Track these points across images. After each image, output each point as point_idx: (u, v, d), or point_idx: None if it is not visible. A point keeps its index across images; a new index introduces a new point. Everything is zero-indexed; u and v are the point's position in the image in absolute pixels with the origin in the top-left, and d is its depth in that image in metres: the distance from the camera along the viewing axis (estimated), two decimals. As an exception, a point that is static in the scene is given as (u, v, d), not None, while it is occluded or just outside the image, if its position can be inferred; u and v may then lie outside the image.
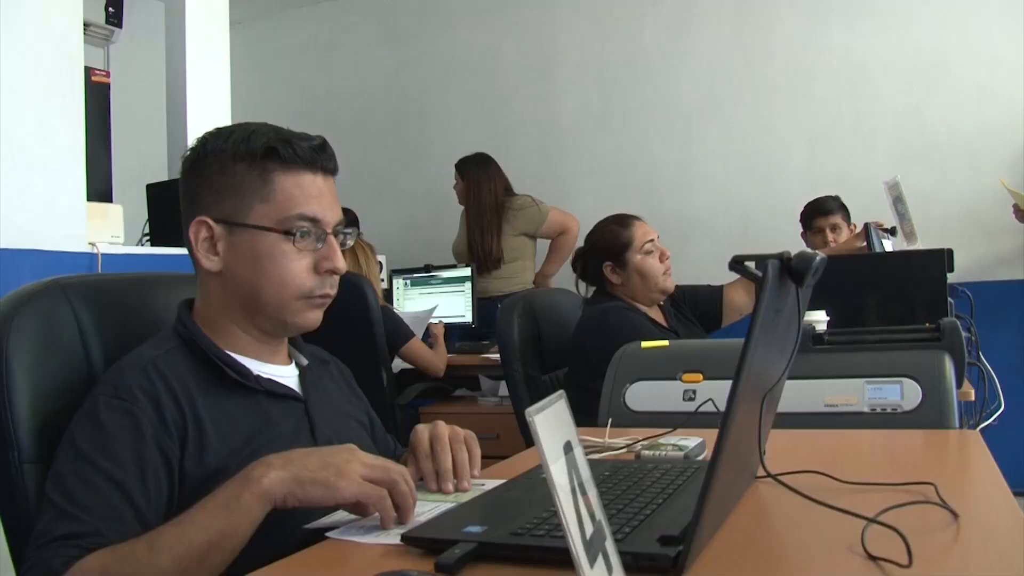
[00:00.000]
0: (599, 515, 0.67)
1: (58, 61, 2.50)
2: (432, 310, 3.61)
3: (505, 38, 4.83)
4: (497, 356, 3.34)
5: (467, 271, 3.88)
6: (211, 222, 1.12)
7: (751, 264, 0.88)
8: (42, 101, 2.47)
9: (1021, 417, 2.10)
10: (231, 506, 0.89)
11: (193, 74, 3.13)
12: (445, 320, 3.71)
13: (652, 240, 2.44)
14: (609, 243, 2.44)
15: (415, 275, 4.01)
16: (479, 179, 3.96)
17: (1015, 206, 3.40)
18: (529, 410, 0.59)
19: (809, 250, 0.81)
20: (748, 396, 0.81)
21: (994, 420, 1.93)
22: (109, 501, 0.95)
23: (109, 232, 2.61)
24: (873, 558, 0.76)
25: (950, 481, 1.00)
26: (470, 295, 3.84)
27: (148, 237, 2.93)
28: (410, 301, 3.95)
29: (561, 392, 0.69)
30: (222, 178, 1.12)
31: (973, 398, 1.86)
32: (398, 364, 3.35)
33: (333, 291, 1.15)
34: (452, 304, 3.85)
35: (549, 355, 2.59)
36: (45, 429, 1.08)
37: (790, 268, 0.78)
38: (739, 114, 4.32)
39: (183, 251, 2.84)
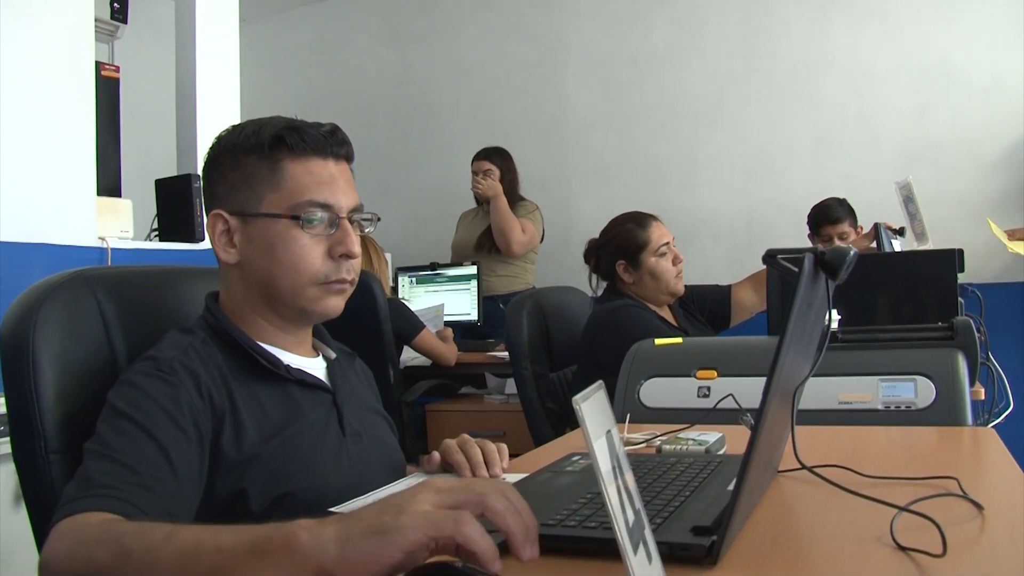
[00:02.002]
0: (638, 504, 0.68)
1: (69, 55, 2.51)
2: (441, 306, 3.63)
3: (511, 38, 4.84)
4: (503, 354, 3.36)
5: (473, 269, 3.88)
6: (226, 215, 1.13)
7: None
8: (53, 95, 2.47)
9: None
10: (258, 544, 0.68)
11: (203, 70, 3.14)
12: (451, 318, 3.72)
13: (667, 243, 2.44)
14: (625, 242, 2.44)
15: (421, 273, 4.02)
16: (511, 169, 4.00)
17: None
18: (576, 397, 0.61)
19: (842, 244, 0.81)
20: (781, 389, 0.81)
21: (1002, 419, 1.94)
22: (145, 451, 0.94)
23: (119, 227, 2.62)
24: (903, 548, 0.77)
25: (971, 476, 1.01)
26: (476, 293, 3.85)
27: (156, 232, 2.93)
28: (415, 299, 3.96)
29: (600, 383, 0.70)
30: (235, 172, 1.13)
31: (983, 397, 1.87)
32: (404, 361, 3.36)
33: (350, 276, 1.15)
34: (458, 302, 3.85)
35: (558, 353, 2.60)
36: (70, 420, 1.08)
37: (824, 262, 0.79)
38: (745, 115, 4.33)
39: (192, 246, 2.87)
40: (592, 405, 0.63)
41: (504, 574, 0.66)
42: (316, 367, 1.21)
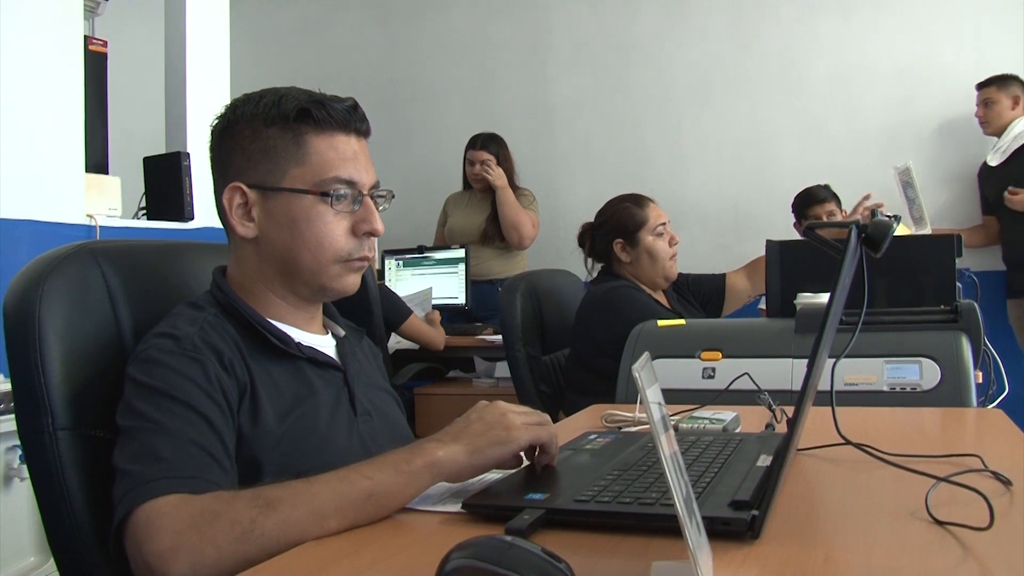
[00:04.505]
0: (685, 476, 0.68)
1: (58, 29, 2.45)
2: (430, 289, 3.60)
3: (497, 21, 4.80)
4: (491, 338, 3.35)
5: (460, 253, 3.85)
6: (245, 188, 1.10)
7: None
8: (41, 70, 2.42)
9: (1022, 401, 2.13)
10: (400, 467, 0.87)
11: (193, 47, 3.08)
12: (439, 302, 3.70)
13: (664, 224, 2.45)
14: (623, 221, 2.45)
15: (408, 256, 3.99)
16: (507, 156, 3.97)
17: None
18: (635, 366, 0.63)
19: (883, 218, 0.81)
20: (822, 364, 0.81)
21: (996, 403, 1.96)
22: (198, 427, 0.93)
23: (107, 204, 2.57)
24: (940, 523, 0.77)
25: (990, 454, 1.01)
26: (463, 277, 3.83)
27: (144, 211, 2.88)
28: (402, 282, 3.92)
29: (647, 354, 0.70)
30: (255, 143, 1.10)
31: (981, 380, 1.89)
32: (392, 345, 3.34)
33: (371, 254, 1.14)
34: (445, 286, 3.82)
35: (550, 336, 2.59)
36: (78, 395, 1.05)
37: (867, 235, 0.78)
38: (733, 101, 4.33)
39: (182, 225, 2.81)
40: (647, 371, 0.66)
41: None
42: (326, 345, 1.19)
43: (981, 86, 3.70)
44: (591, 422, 1.41)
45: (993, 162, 3.65)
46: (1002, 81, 3.64)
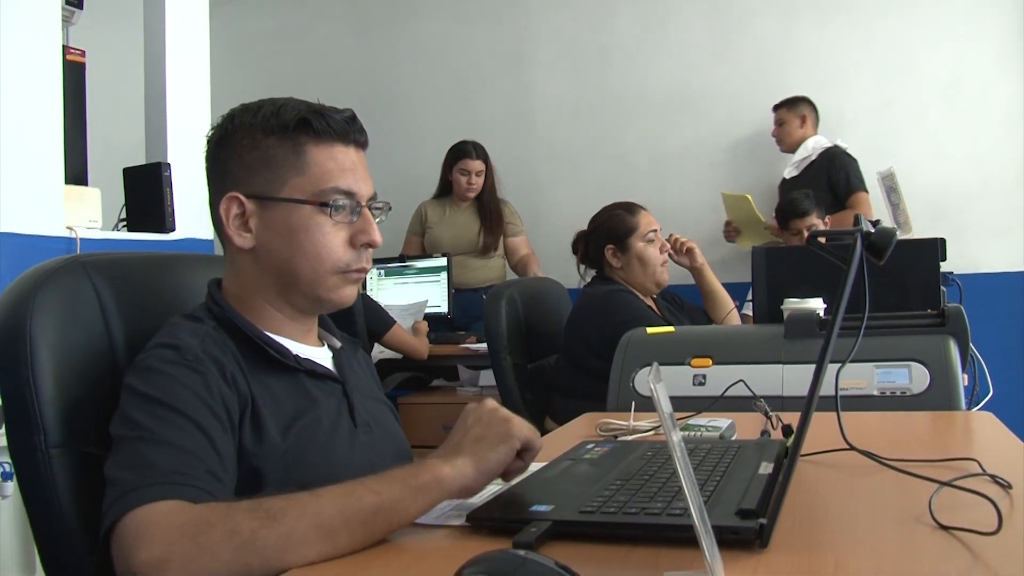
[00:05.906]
0: (696, 487, 0.68)
1: (36, 38, 2.42)
2: (425, 301, 3.60)
3: (477, 28, 4.80)
4: (475, 346, 3.34)
5: (443, 261, 3.84)
6: (243, 198, 1.09)
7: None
8: (20, 80, 2.38)
9: (1009, 404, 2.15)
10: (407, 482, 0.85)
11: (173, 57, 3.04)
12: (420, 310, 3.69)
13: (655, 231, 2.51)
14: (614, 227, 2.49)
15: (389, 265, 3.96)
16: (490, 165, 3.96)
17: (727, 223, 4.03)
18: (650, 378, 0.63)
19: (887, 225, 0.81)
20: (826, 371, 0.82)
21: (981, 406, 1.98)
22: (195, 438, 0.92)
23: (87, 216, 2.53)
24: (944, 527, 0.78)
25: (986, 457, 1.02)
26: (446, 285, 3.81)
27: (124, 222, 2.85)
28: (384, 291, 3.90)
29: (655, 363, 0.71)
30: (253, 153, 1.09)
31: (967, 383, 1.91)
32: (375, 355, 3.32)
33: (369, 265, 1.14)
34: (427, 294, 3.80)
35: (536, 343, 2.60)
36: (71, 412, 1.03)
37: (870, 243, 0.79)
38: (712, 107, 4.35)
39: (162, 237, 2.78)
40: (656, 377, 0.69)
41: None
42: (323, 357, 1.18)
43: (775, 108, 4.09)
44: (586, 431, 1.41)
45: (787, 175, 4.00)
46: (792, 103, 4.04)
